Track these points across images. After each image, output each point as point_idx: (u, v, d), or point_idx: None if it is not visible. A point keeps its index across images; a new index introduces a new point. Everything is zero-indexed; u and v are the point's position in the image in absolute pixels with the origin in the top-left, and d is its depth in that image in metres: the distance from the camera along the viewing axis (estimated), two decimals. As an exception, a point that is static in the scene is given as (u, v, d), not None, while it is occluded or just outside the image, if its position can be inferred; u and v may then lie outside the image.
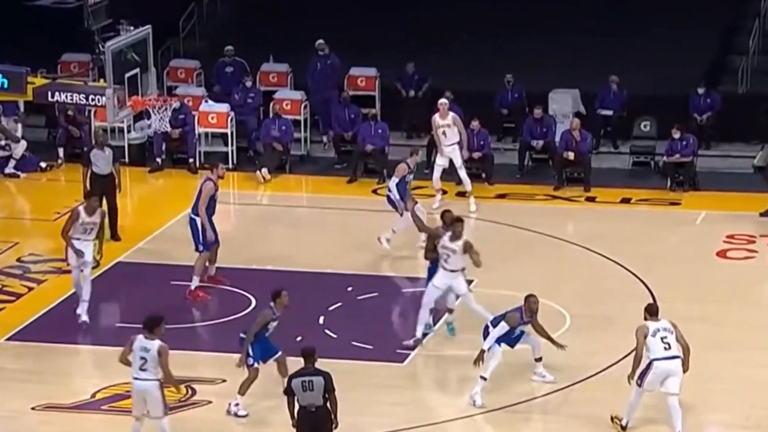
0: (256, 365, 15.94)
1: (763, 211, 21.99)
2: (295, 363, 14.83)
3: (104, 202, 20.68)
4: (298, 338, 17.15)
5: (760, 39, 26.33)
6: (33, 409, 16.21)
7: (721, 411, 16.18)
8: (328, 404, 14.37)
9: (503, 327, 16.25)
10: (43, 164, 24.54)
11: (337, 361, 16.46)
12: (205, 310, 18.64)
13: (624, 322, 18.12)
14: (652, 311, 15.70)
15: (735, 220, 22.03)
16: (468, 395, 16.26)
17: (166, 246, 20.25)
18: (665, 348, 15.34)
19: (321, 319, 18.34)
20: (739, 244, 21.13)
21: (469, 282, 19.24)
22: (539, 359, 16.77)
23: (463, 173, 22.35)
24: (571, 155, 23.72)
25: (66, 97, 18.18)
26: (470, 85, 25.10)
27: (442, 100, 22.62)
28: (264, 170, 24.18)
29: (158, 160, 24.67)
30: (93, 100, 18.02)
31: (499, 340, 16.29)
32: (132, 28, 18.21)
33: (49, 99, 18.33)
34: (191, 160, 24.62)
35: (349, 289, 19.43)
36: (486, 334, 16.40)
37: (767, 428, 15.88)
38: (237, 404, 16.09)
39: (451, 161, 22.28)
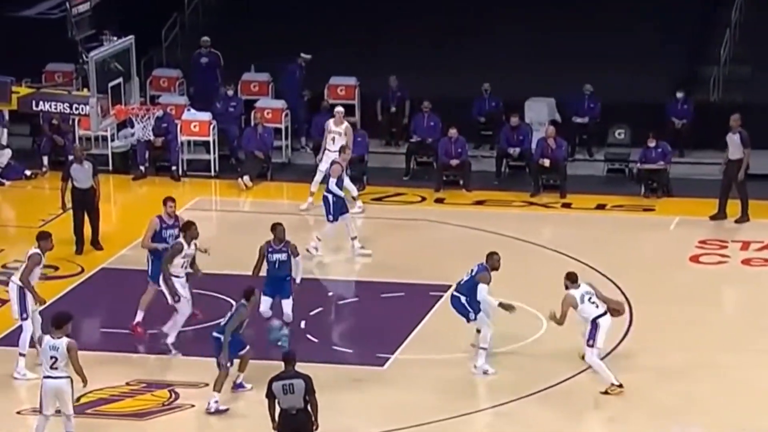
0: (229, 363, 16.15)
1: (712, 215, 22.19)
2: (277, 367, 14.84)
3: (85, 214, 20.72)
4: (279, 343, 17.16)
5: (732, 48, 26.48)
6: (18, 413, 16.18)
7: (697, 413, 16.24)
8: (309, 407, 14.39)
9: (484, 288, 16.58)
10: (27, 172, 24.51)
11: (318, 365, 16.50)
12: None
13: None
14: (573, 278, 16.59)
15: (708, 226, 22.14)
16: (473, 366, 16.63)
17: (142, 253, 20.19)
18: (596, 307, 16.44)
19: (302, 324, 18.35)
20: (711, 250, 21.23)
21: (448, 287, 19.29)
22: (480, 331, 17.00)
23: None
24: (546, 162, 23.82)
25: (50, 106, 18.17)
26: (448, 93, 25.19)
27: (339, 108, 22.93)
28: (246, 177, 24.20)
29: (141, 168, 24.66)
30: (77, 109, 18.00)
31: (476, 307, 16.62)
32: (115, 38, 18.21)
33: (34, 108, 18.32)
34: (174, 167, 24.63)
35: (330, 294, 19.45)
36: (459, 305, 16.65)
37: (742, 429, 15.95)
38: (216, 401, 16.17)
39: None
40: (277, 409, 14.45)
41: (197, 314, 18.07)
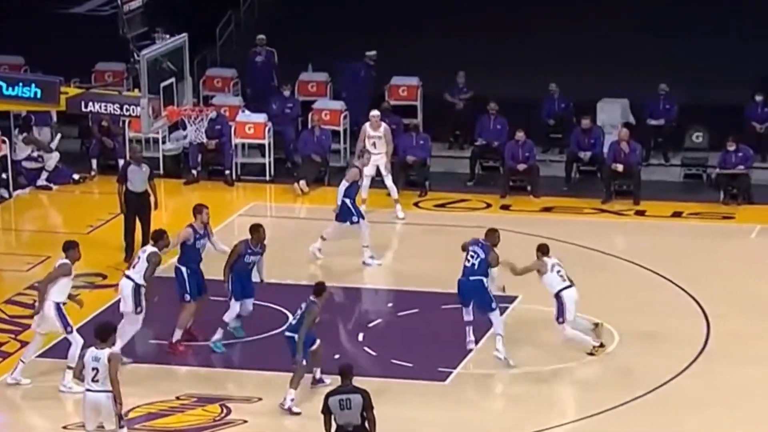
0: (304, 360, 16.43)
1: None
2: (333, 381, 14.87)
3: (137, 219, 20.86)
4: (336, 356, 17.22)
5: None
6: (65, 428, 16.32)
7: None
8: (366, 423, 14.41)
9: (494, 272, 17.63)
10: (76, 176, 24.71)
11: (376, 380, 16.52)
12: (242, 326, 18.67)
13: (675, 340, 18.14)
14: (545, 250, 17.84)
15: (791, 235, 21.96)
16: (497, 356, 17.33)
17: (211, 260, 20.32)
18: (562, 279, 17.64)
19: (360, 336, 18.39)
20: (795, 260, 21.03)
21: (514, 298, 19.28)
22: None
23: (389, 181, 22.53)
24: (619, 167, 23.68)
25: (100, 107, 18.31)
26: (515, 93, 25.13)
27: (374, 112, 22.95)
28: (302, 182, 24.27)
29: (194, 172, 24.80)
30: (127, 110, 18.13)
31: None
32: (168, 36, 18.32)
33: (83, 109, 18.47)
34: (227, 171, 24.75)
35: (389, 305, 19.46)
36: (481, 288, 17.38)
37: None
38: (292, 399, 16.40)
39: (377, 169, 22.53)
40: (333, 426, 14.48)
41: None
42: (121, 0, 18.09)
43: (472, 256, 17.75)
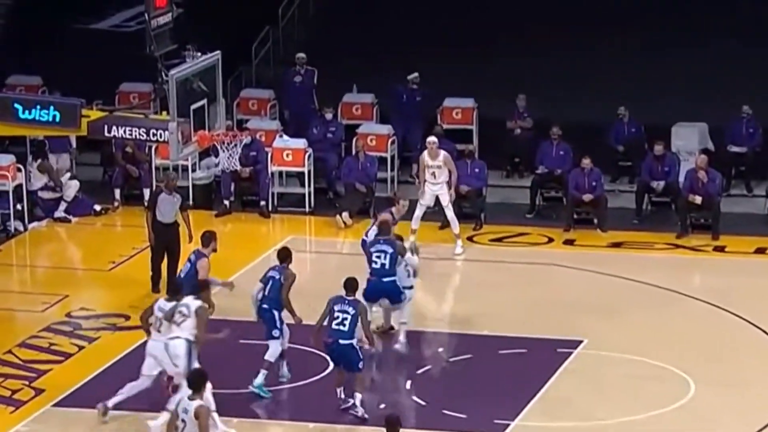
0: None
1: None
2: (378, 433, 14.98)
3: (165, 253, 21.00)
4: (382, 405, 17.28)
5: None
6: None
7: None
8: (415, 480, 14.50)
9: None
10: (97, 207, 24.92)
11: (426, 432, 16.60)
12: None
13: (759, 390, 18.06)
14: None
15: None
16: (398, 348, 18.73)
17: (233, 300, 20.40)
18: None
19: (408, 384, 18.45)
20: None
21: (578, 343, 19.28)
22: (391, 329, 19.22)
23: (450, 213, 22.64)
24: (697, 198, 23.68)
25: (124, 131, 18.50)
26: (580, 117, 25.19)
27: (431, 139, 22.96)
28: (345, 214, 24.40)
29: (226, 202, 24.98)
30: (154, 135, 18.31)
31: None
32: (199, 54, 18.51)
33: (106, 134, 18.66)
34: (263, 202, 24.91)
35: (440, 349, 19.52)
36: (394, 288, 18.61)
37: None
38: (361, 402, 17.08)
39: (437, 200, 22.67)
40: (378, 482, 14.57)
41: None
42: (149, 15, 18.29)
43: (379, 256, 18.55)
